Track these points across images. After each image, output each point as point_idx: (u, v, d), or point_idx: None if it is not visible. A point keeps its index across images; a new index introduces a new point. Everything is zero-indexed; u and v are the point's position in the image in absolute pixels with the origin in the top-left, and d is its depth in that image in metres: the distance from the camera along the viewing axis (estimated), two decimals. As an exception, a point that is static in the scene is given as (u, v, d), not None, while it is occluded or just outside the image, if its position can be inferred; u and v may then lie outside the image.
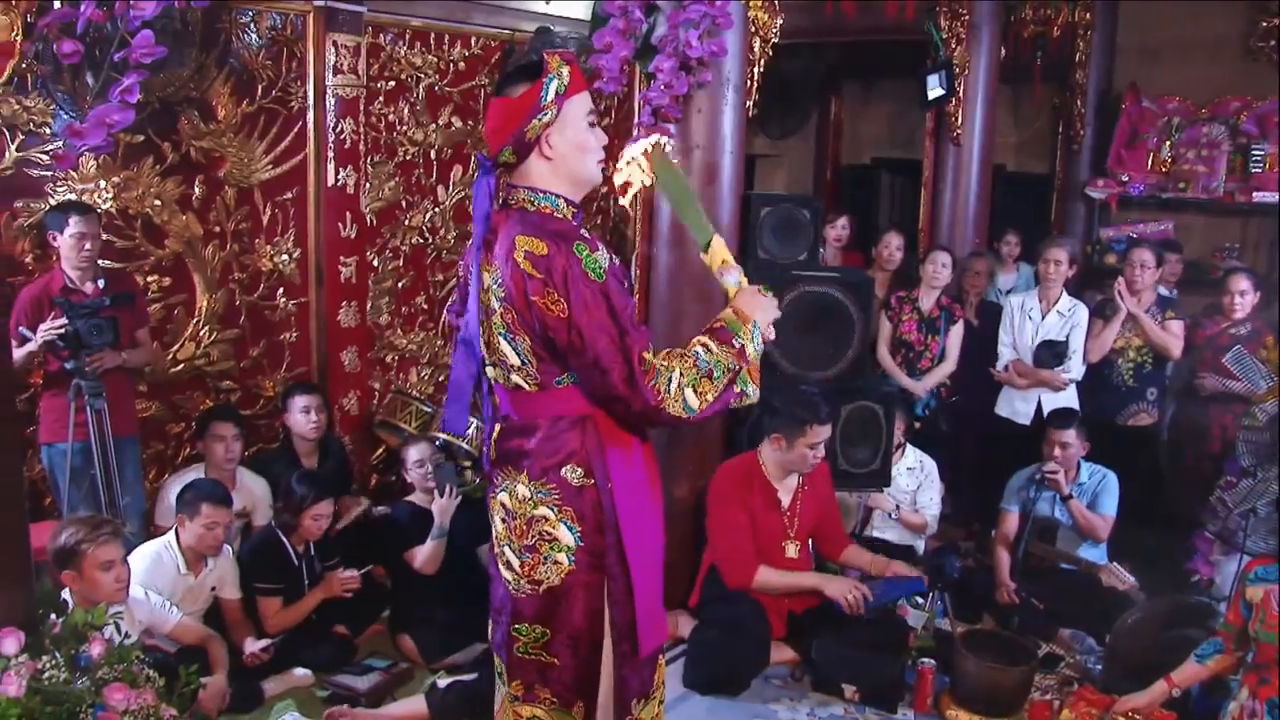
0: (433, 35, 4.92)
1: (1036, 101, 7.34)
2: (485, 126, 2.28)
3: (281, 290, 4.59)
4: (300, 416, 4.33)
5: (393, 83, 4.80)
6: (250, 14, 4.29)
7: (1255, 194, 6.37)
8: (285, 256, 4.56)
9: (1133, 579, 4.18)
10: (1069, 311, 5.04)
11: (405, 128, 4.89)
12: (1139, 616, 3.76)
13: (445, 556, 4.07)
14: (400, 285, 5.03)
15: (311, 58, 4.43)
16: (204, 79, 4.19)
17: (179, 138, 4.17)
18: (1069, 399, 4.97)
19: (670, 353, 2.19)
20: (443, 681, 3.56)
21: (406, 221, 4.99)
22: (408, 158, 4.94)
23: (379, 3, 4.62)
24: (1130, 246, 5.52)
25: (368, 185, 4.74)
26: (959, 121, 5.87)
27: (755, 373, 2.28)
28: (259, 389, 4.59)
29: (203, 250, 4.33)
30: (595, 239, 2.18)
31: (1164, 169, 6.74)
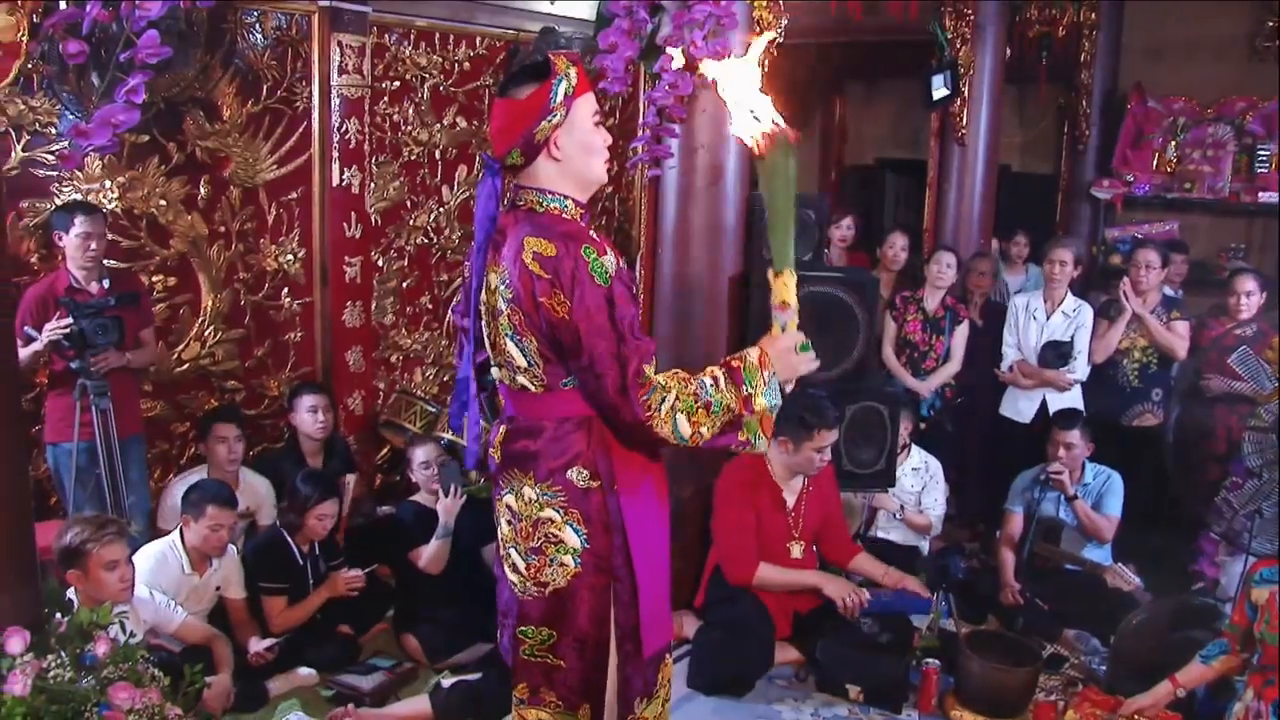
0: (437, 35, 4.92)
1: (1041, 101, 7.33)
2: (490, 127, 2.26)
3: (286, 290, 4.60)
4: (307, 416, 4.34)
5: (397, 83, 4.80)
6: (255, 14, 4.30)
7: (1261, 194, 6.37)
8: (290, 256, 4.57)
9: (1138, 580, 4.18)
10: (1074, 312, 5.03)
11: (410, 128, 4.89)
12: (1144, 617, 3.76)
13: (450, 556, 4.06)
14: (405, 285, 5.04)
15: (316, 58, 4.44)
16: (209, 79, 4.20)
17: (184, 138, 4.18)
18: (1074, 399, 4.96)
19: (675, 374, 2.17)
20: (447, 681, 3.57)
21: (411, 221, 4.99)
22: (412, 158, 4.94)
23: (384, 3, 4.62)
24: (1135, 247, 5.51)
25: (372, 185, 4.74)
26: (964, 122, 5.87)
27: (768, 424, 2.25)
28: (264, 389, 4.60)
29: (208, 250, 4.34)
30: (604, 242, 2.16)
31: (1169, 169, 6.73)
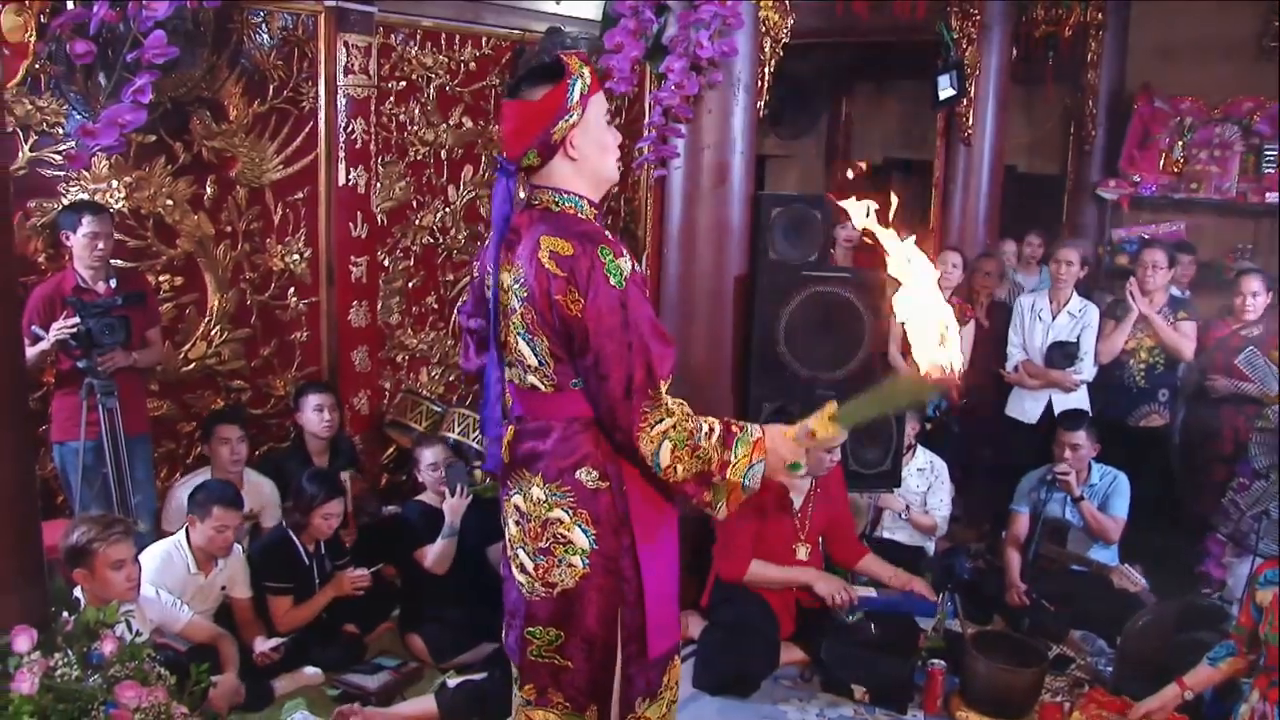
0: (443, 35, 4.93)
1: (1048, 102, 7.31)
2: (503, 129, 2.25)
3: (292, 290, 4.60)
4: (313, 415, 4.34)
5: (403, 83, 4.81)
6: (262, 14, 4.31)
7: (1268, 194, 6.34)
8: (296, 256, 4.58)
9: (1144, 581, 4.18)
10: (1079, 312, 5.03)
11: (416, 128, 4.90)
12: (1150, 618, 3.75)
13: (455, 556, 4.07)
14: (411, 285, 5.04)
15: (323, 58, 4.45)
16: (216, 79, 4.21)
17: (191, 138, 4.19)
18: (1080, 400, 4.96)
19: (682, 405, 2.14)
20: (452, 681, 3.57)
21: (417, 221, 5.00)
22: (418, 158, 4.95)
23: (390, 3, 4.62)
24: (1142, 247, 5.51)
25: (378, 185, 4.75)
26: (970, 122, 5.85)
27: (735, 499, 2.21)
28: (269, 388, 4.61)
29: (214, 250, 4.35)
30: (620, 244, 2.15)
31: (1176, 169, 6.71)
